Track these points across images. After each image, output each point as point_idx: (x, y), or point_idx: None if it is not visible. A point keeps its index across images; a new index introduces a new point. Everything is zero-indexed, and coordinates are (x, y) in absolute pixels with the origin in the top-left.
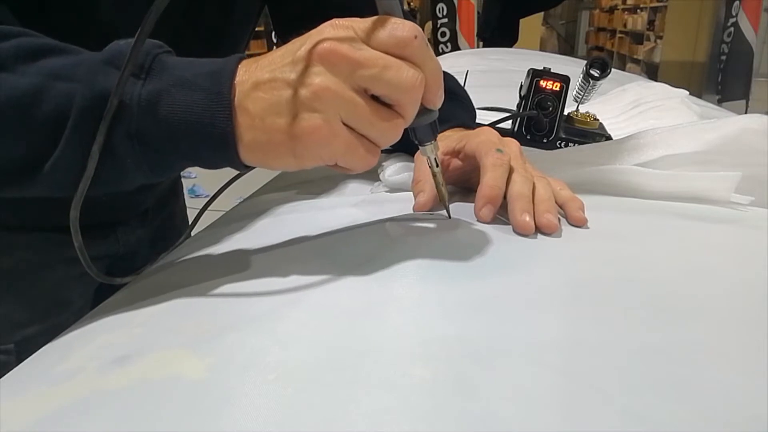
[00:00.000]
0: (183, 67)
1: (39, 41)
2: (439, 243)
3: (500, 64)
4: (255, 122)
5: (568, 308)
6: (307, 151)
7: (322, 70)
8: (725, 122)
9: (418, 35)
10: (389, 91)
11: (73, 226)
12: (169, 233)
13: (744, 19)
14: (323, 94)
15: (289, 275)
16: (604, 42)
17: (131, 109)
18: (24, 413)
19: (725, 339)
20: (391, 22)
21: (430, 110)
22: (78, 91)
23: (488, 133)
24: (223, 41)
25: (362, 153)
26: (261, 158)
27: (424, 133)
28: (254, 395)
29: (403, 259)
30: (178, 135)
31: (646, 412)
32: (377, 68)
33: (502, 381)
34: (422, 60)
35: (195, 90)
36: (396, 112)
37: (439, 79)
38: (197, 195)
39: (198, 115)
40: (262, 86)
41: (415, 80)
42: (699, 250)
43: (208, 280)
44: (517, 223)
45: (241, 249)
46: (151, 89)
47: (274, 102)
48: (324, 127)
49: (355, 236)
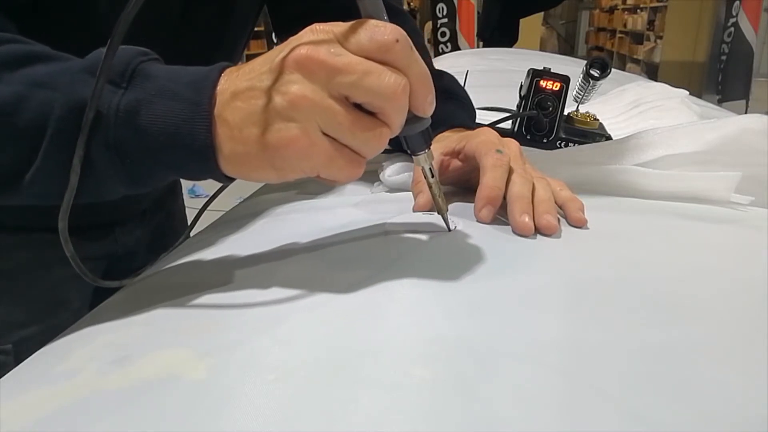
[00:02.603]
0: (166, 76)
1: (27, 48)
2: (439, 243)
3: (500, 64)
4: (234, 133)
5: (568, 308)
6: (285, 162)
7: (299, 78)
8: (725, 122)
9: (400, 38)
10: (370, 99)
11: (62, 236)
12: (168, 234)
13: (744, 19)
14: (300, 103)
15: (288, 275)
16: (604, 42)
17: (108, 120)
18: (24, 413)
19: (725, 339)
20: (372, 25)
21: (421, 118)
22: (57, 100)
23: (488, 133)
24: (222, 41)
25: (344, 164)
26: (241, 170)
27: (416, 142)
28: (254, 395)
29: (403, 259)
30: (157, 146)
31: (646, 412)
32: (357, 74)
33: (502, 381)
34: (406, 64)
35: (176, 100)
36: (380, 121)
37: (426, 85)
38: (197, 195)
39: (177, 126)
40: (240, 95)
41: (397, 86)
42: (699, 250)
43: (208, 281)
44: (516, 224)
45: (241, 249)
46: (131, 99)
47: (252, 112)
48: (302, 137)
49: (354, 237)
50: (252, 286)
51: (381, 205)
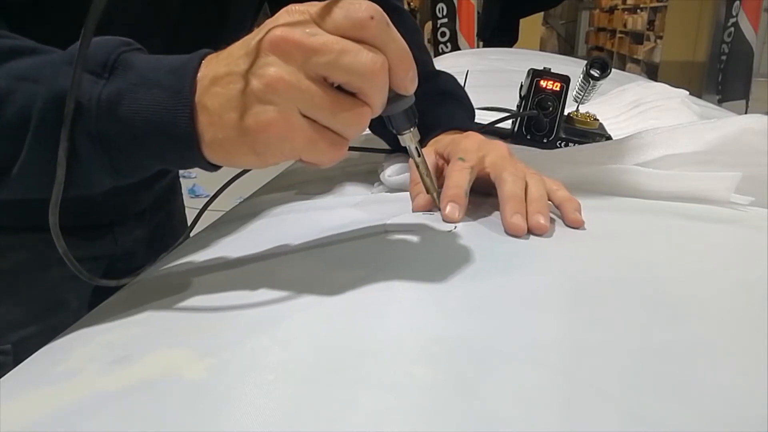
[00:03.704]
0: (148, 66)
1: (12, 43)
2: (439, 243)
3: (500, 64)
4: (213, 119)
5: (568, 308)
6: (266, 147)
7: (275, 60)
8: (725, 122)
9: (375, 15)
10: (348, 78)
11: (53, 232)
12: (167, 234)
13: (744, 19)
14: (276, 85)
15: (288, 275)
16: (604, 42)
17: (90, 111)
18: (24, 413)
19: (725, 339)
20: (347, 3)
21: (403, 96)
22: (39, 92)
23: (468, 140)
24: (219, 39)
25: (325, 146)
26: (223, 156)
27: (400, 121)
28: (254, 395)
29: (403, 259)
30: (141, 135)
31: (646, 412)
32: (333, 54)
33: (502, 381)
34: (383, 42)
35: (157, 88)
36: (360, 101)
37: (406, 61)
38: (197, 195)
39: (160, 115)
40: (219, 81)
41: (374, 64)
42: (699, 250)
43: (208, 280)
44: (507, 225)
45: (241, 249)
46: (112, 89)
47: (230, 97)
48: (280, 120)
49: (354, 237)
50: (252, 286)
51: (381, 205)
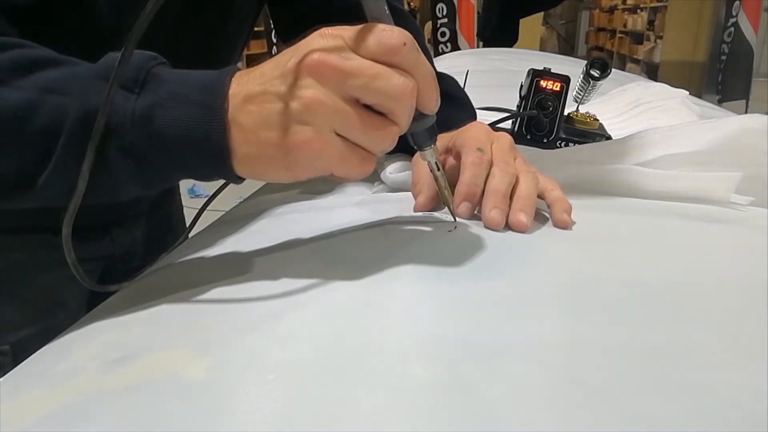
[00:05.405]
0: (177, 81)
1: (35, 53)
2: (439, 243)
3: (500, 64)
4: (248, 136)
5: (568, 308)
6: (300, 163)
7: (312, 83)
8: (725, 122)
9: (407, 42)
10: (380, 100)
11: (65, 243)
12: (166, 234)
13: (744, 19)
14: (314, 107)
15: (288, 275)
16: (604, 42)
17: (124, 125)
18: (24, 413)
19: (725, 339)
20: (380, 29)
21: (427, 115)
22: (71, 106)
23: (476, 128)
24: (221, 42)
25: (356, 162)
26: (255, 172)
27: (422, 138)
28: (254, 395)
29: (403, 259)
30: (172, 149)
31: (646, 412)
32: (367, 78)
33: (502, 381)
34: (413, 66)
35: (189, 104)
36: (389, 120)
37: (432, 84)
38: (197, 195)
39: (192, 130)
40: (253, 99)
41: (405, 88)
42: (699, 250)
43: (208, 281)
44: (485, 218)
45: (241, 249)
46: (145, 104)
47: (266, 115)
48: (316, 139)
49: (354, 236)
50: (251, 286)
51: (381, 204)
